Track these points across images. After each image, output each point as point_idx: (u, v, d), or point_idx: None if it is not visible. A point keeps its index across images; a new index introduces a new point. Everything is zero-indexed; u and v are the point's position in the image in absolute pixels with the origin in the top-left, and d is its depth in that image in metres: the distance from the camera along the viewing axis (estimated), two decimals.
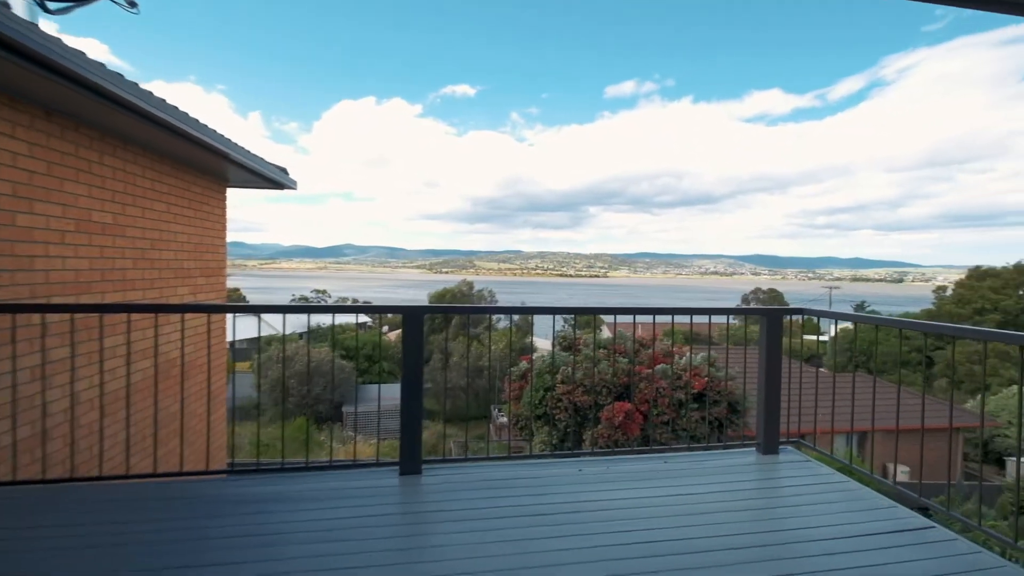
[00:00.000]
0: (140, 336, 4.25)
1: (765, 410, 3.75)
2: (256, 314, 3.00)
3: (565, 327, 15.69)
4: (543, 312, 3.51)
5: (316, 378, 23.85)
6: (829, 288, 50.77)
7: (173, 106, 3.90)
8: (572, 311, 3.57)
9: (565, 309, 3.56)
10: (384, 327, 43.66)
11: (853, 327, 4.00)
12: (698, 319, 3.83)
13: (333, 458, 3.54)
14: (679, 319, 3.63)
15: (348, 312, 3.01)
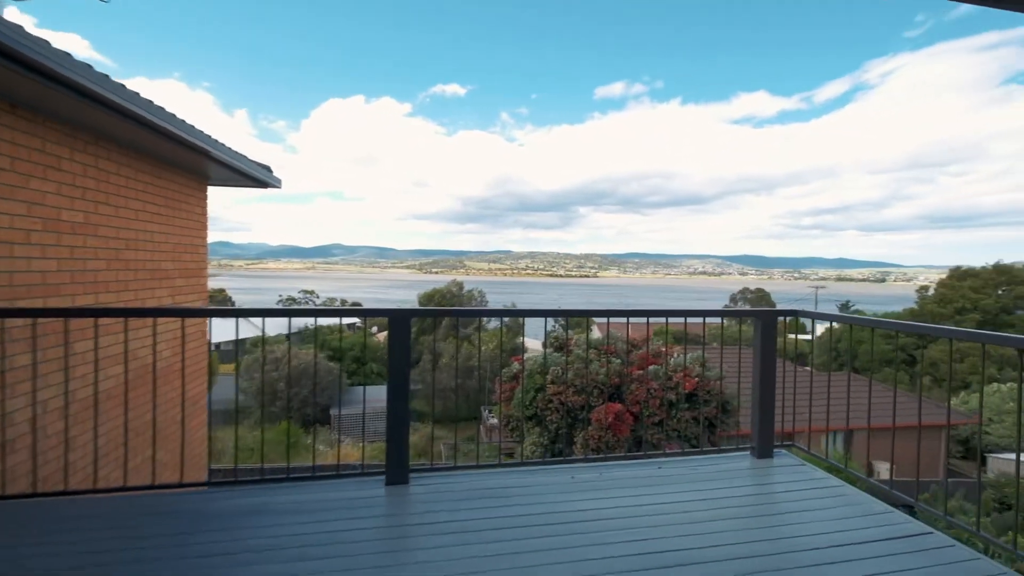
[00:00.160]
0: (113, 340, 4.07)
1: (760, 414, 3.69)
2: (235, 318, 2.86)
3: (556, 327, 15.62)
4: (534, 315, 3.41)
5: (304, 380, 23.51)
6: (815, 288, 51.43)
7: (147, 100, 3.74)
8: (565, 314, 3.48)
9: (558, 312, 3.47)
10: (373, 327, 43.26)
11: (838, 327, 3.96)
12: (691, 320, 3.77)
13: (317, 467, 3.39)
14: (671, 320, 3.56)
15: (330, 315, 2.89)
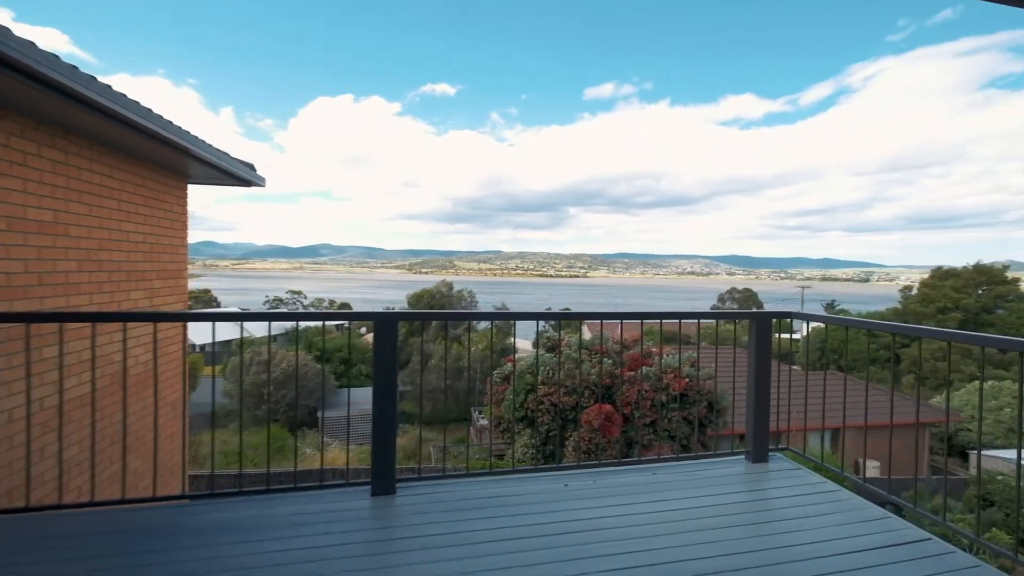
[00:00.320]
0: (86, 345, 3.89)
1: (755, 418, 3.62)
2: (211, 322, 2.71)
3: (548, 328, 15.54)
4: (526, 318, 3.31)
5: (291, 383, 23.15)
6: (801, 288, 52.07)
7: (120, 94, 3.57)
8: (557, 316, 3.38)
9: (551, 315, 3.37)
10: (361, 328, 42.83)
11: (825, 327, 3.91)
12: (684, 320, 3.70)
13: (300, 472, 3.25)
14: (662, 320, 3.48)
15: (313, 319, 2.75)
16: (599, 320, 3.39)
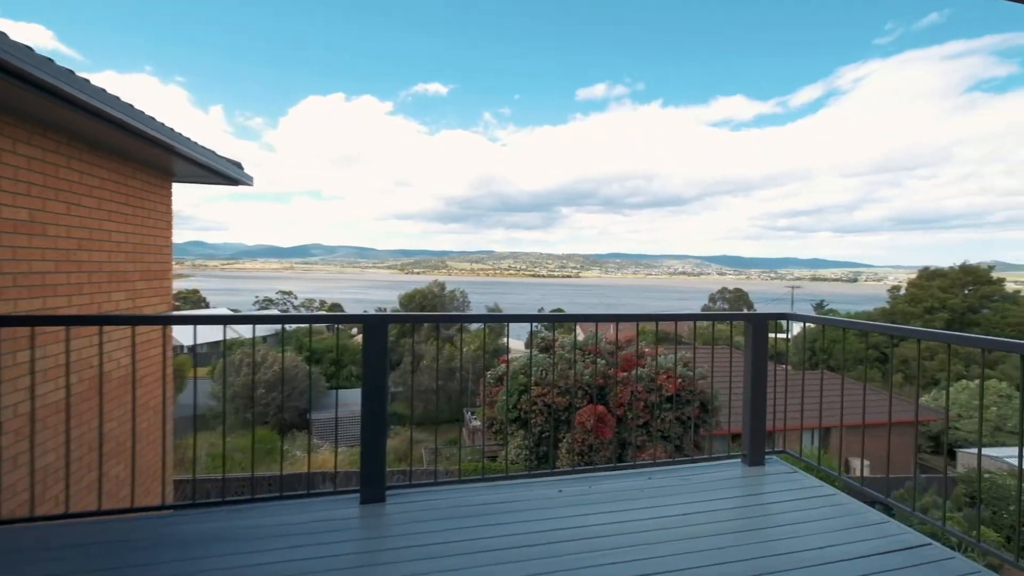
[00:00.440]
0: (61, 349, 3.76)
1: (751, 421, 3.58)
2: (192, 325, 2.61)
3: (541, 328, 15.48)
4: (520, 320, 3.24)
5: (281, 385, 22.89)
6: (791, 288, 52.53)
7: (100, 88, 3.44)
8: (551, 319, 3.32)
9: (544, 317, 3.30)
10: (353, 328, 42.49)
11: (815, 326, 3.87)
12: (670, 321, 3.64)
13: (287, 476, 3.15)
14: (655, 321, 3.43)
15: (299, 322, 2.66)
16: (594, 322, 3.33)
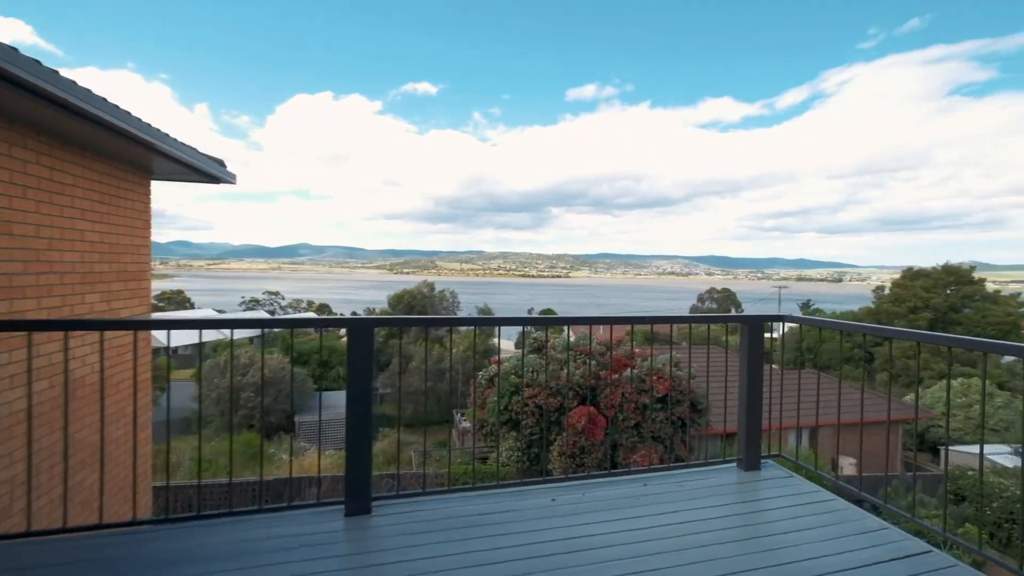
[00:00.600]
0: (33, 353, 3.57)
1: (747, 425, 3.52)
2: (165, 330, 2.46)
3: (533, 328, 15.41)
4: (510, 323, 3.14)
5: (268, 387, 22.55)
6: (778, 288, 53.12)
7: (70, 81, 3.27)
8: (542, 321, 3.22)
9: (536, 320, 3.20)
10: (341, 329, 42.06)
11: (806, 327, 3.82)
12: (663, 322, 3.57)
13: (270, 489, 3.01)
14: (645, 322, 3.36)
15: (280, 327, 2.52)
16: (587, 324, 3.24)
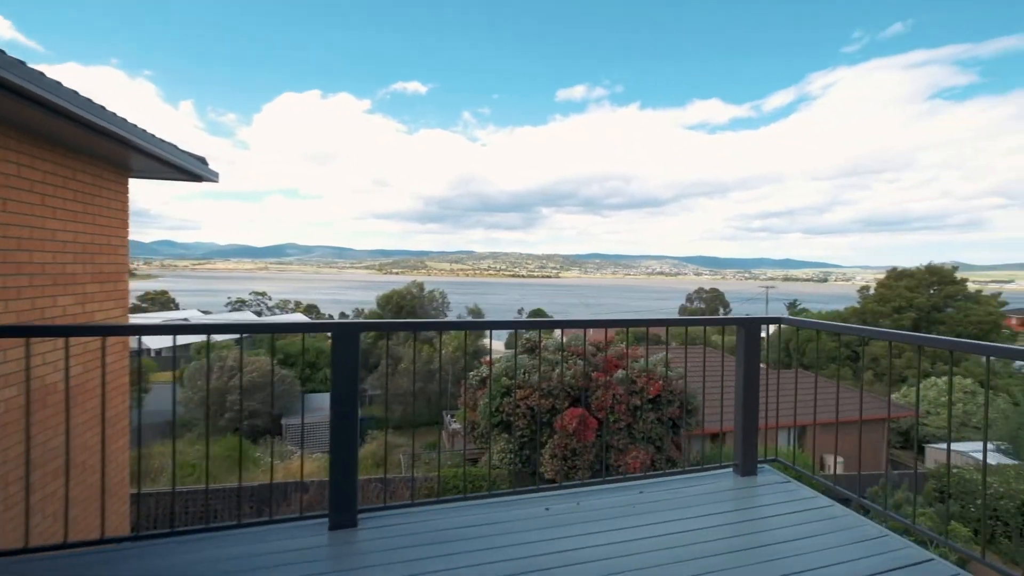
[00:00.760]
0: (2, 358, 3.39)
1: (743, 429, 3.45)
2: (136, 336, 2.32)
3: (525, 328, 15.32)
4: (501, 327, 3.03)
5: (255, 390, 22.19)
6: (766, 288, 53.68)
7: (38, 72, 3.10)
8: (535, 325, 3.12)
9: (527, 323, 3.10)
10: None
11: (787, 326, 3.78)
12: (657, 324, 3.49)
13: (254, 494, 2.87)
14: (638, 325, 3.27)
15: (260, 332, 2.39)
16: (582, 328, 3.16)
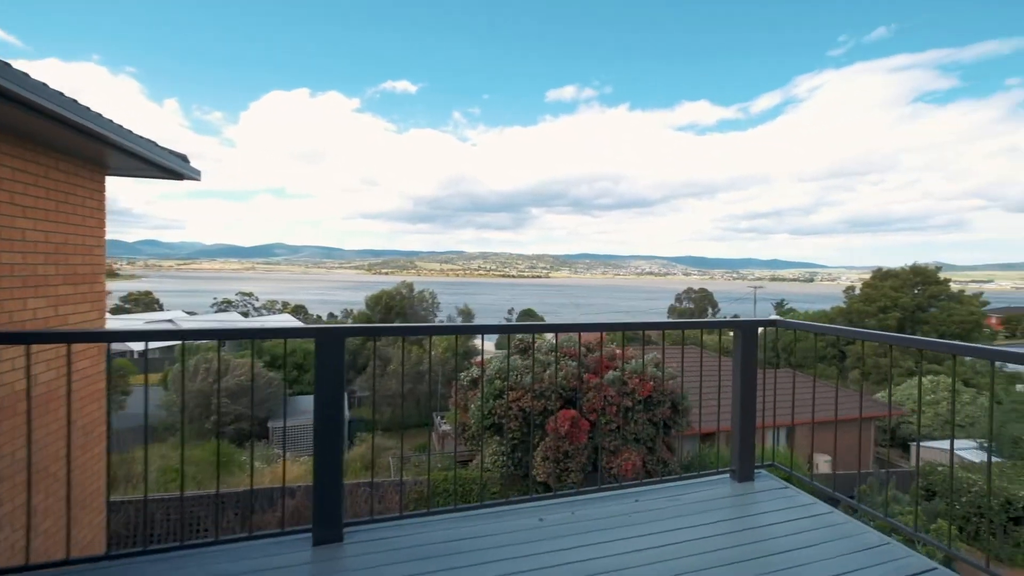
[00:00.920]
0: None
1: (740, 434, 3.38)
2: (105, 343, 2.17)
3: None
4: (492, 331, 2.93)
5: (242, 394, 21.80)
6: (753, 288, 54.22)
7: (2, 62, 2.94)
8: (529, 329, 3.01)
9: (519, 327, 3.00)
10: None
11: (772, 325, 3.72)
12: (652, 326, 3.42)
13: (231, 506, 2.73)
14: (633, 328, 3.20)
15: (239, 338, 2.26)
16: (577, 331, 3.07)
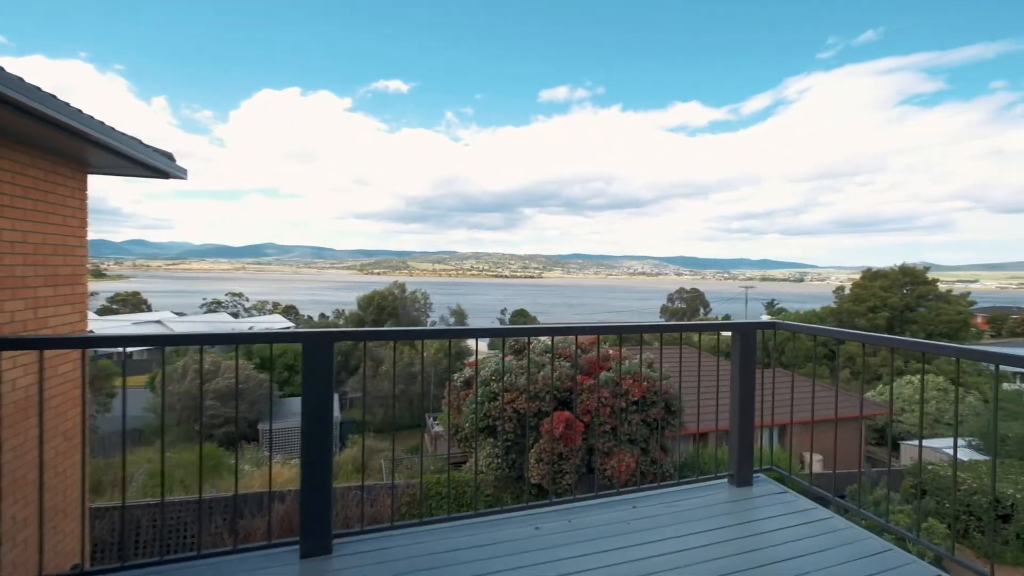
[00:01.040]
0: None
1: (739, 438, 3.33)
2: (80, 348, 2.07)
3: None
4: (486, 335, 2.85)
5: (229, 398, 21.53)
6: (745, 288, 54.62)
7: None
8: (525, 332, 2.95)
9: (514, 330, 2.92)
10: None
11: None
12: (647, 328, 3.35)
13: (219, 511, 2.64)
14: (629, 329, 3.13)
15: (222, 342, 2.16)
16: (574, 334, 3.00)
